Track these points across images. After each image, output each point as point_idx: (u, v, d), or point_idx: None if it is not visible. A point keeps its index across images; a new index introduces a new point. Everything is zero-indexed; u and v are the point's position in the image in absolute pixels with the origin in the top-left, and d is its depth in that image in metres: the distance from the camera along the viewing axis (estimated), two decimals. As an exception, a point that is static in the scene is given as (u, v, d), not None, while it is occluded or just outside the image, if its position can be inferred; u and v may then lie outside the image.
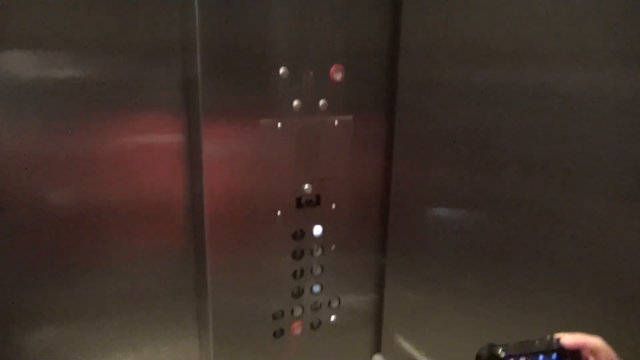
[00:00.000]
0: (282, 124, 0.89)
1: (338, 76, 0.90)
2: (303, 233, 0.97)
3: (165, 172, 0.92)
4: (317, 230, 0.99)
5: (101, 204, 0.88)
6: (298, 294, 1.01)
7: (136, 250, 0.94)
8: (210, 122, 0.86)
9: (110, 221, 0.90)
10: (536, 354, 0.51)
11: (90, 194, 0.87)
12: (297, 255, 0.98)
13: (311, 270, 1.01)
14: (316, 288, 1.02)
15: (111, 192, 0.89)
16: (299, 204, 0.95)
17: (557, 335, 0.52)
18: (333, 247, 1.02)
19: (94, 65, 0.81)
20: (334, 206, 0.98)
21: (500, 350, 0.51)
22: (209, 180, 0.88)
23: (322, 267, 1.02)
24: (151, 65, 0.86)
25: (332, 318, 1.06)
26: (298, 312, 1.02)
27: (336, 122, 0.93)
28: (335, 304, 1.06)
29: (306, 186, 0.94)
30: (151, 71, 0.86)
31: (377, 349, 1.12)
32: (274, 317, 1.00)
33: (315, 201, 0.96)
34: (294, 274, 0.99)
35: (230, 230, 0.92)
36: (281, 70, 0.86)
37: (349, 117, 0.94)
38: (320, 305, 1.04)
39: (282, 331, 1.01)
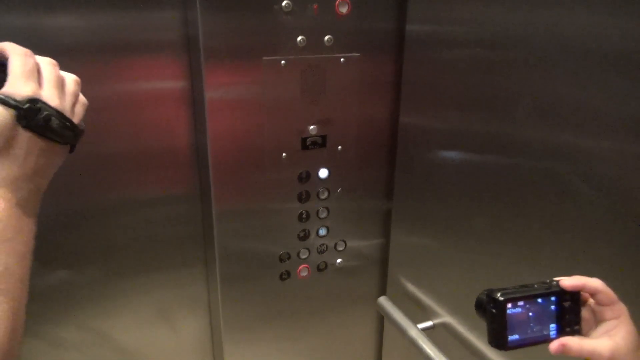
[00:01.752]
0: (286, 62, 0.85)
1: (344, 9, 0.86)
2: (309, 175, 0.96)
3: (168, 118, 0.90)
4: (323, 172, 0.97)
5: (105, 151, 0.87)
6: (304, 236, 1.00)
7: (142, 197, 0.93)
8: (212, 64, 0.82)
9: (115, 169, 0.89)
10: (535, 297, 0.51)
11: (93, 141, 0.85)
12: (302, 197, 0.97)
13: (317, 213, 1.00)
14: (322, 231, 1.02)
15: (115, 139, 0.87)
16: (304, 145, 0.93)
17: (557, 279, 0.52)
18: (339, 190, 1.00)
19: (92, 10, 0.78)
20: (340, 148, 0.96)
21: (499, 294, 0.51)
22: (213, 124, 0.86)
23: (327, 210, 1.01)
24: (151, 8, 0.82)
25: (338, 261, 1.06)
26: (304, 254, 1.02)
27: (342, 60, 0.90)
28: (341, 247, 1.06)
29: (312, 127, 0.92)
30: (151, 14, 0.83)
31: (383, 292, 1.13)
32: (281, 259, 1.00)
33: (321, 142, 0.94)
34: (300, 217, 0.98)
35: (235, 174, 0.91)
36: (284, 3, 0.82)
37: (356, 55, 0.91)
38: (327, 248, 1.04)
39: (288, 273, 1.02)
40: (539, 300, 0.51)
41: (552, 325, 0.51)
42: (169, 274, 1.00)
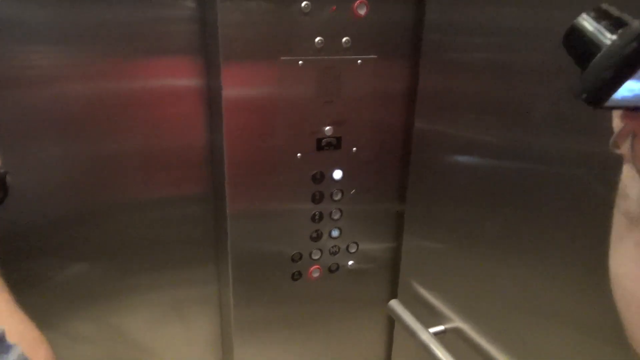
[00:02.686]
0: (303, 62, 0.86)
1: (362, 10, 0.86)
2: (323, 176, 0.96)
3: (183, 117, 0.91)
4: (337, 174, 0.97)
5: (119, 149, 0.88)
6: (317, 237, 1.00)
7: (155, 195, 0.94)
8: (229, 63, 0.83)
9: (128, 167, 0.90)
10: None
11: (109, 140, 0.86)
12: (316, 198, 0.97)
13: (330, 215, 1.00)
14: (335, 232, 1.02)
15: (130, 138, 0.88)
16: (319, 146, 0.93)
17: None
18: (353, 191, 1.00)
19: (107, 6, 0.79)
20: (354, 149, 0.96)
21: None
22: (229, 123, 0.86)
23: (341, 211, 1.01)
24: (169, 6, 0.83)
25: (350, 263, 1.06)
26: (316, 255, 1.02)
27: (359, 61, 0.90)
28: (353, 248, 1.05)
29: (327, 128, 0.92)
30: (168, 12, 0.84)
31: (394, 295, 1.12)
32: (293, 259, 1.00)
33: (336, 143, 0.94)
34: (313, 218, 0.98)
35: (250, 174, 0.91)
36: (303, 4, 0.82)
37: (373, 57, 0.91)
38: (339, 249, 1.04)
39: (300, 274, 1.02)
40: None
41: None
42: (181, 273, 1.01)
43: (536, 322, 0.75)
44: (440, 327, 0.96)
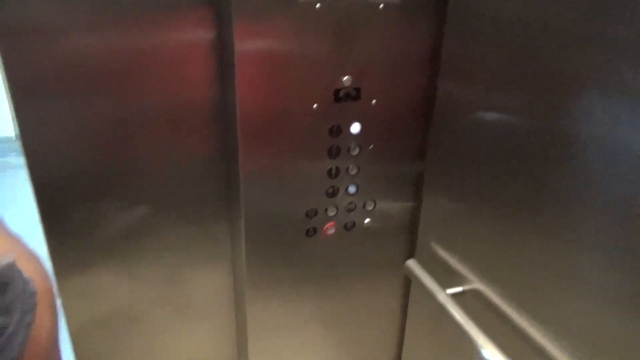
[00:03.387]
0: (321, 5, 0.80)
1: (386, -52, 0.80)
2: (340, 129, 0.92)
3: (195, 73, 0.87)
4: (355, 127, 0.93)
5: (131, 106, 0.84)
6: (332, 193, 0.97)
7: (166, 155, 0.91)
8: (242, 12, 0.78)
9: (139, 126, 0.86)
10: None
11: (120, 96, 0.83)
12: (332, 153, 0.93)
13: (347, 170, 0.96)
14: (351, 189, 0.98)
15: (139, 95, 0.85)
16: (337, 97, 0.88)
17: None
18: (371, 146, 0.96)
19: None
20: (374, 102, 0.91)
21: None
22: (242, 77, 0.82)
23: (358, 167, 0.97)
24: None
25: (366, 221, 1.03)
26: (332, 212, 0.99)
27: (381, 6, 0.84)
28: (370, 206, 1.02)
29: (345, 77, 0.87)
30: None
31: (411, 255, 1.09)
32: (307, 215, 0.97)
33: (354, 95, 0.89)
34: (329, 173, 0.95)
35: (264, 128, 0.87)
36: (322, -59, 0.76)
37: (396, 1, 0.85)
38: (355, 206, 1.01)
39: (314, 230, 0.99)
40: None
41: None
42: (193, 231, 0.99)
43: (558, 285, 0.72)
44: (459, 289, 0.93)
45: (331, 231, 1.00)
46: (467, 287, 0.92)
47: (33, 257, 0.44)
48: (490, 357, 0.77)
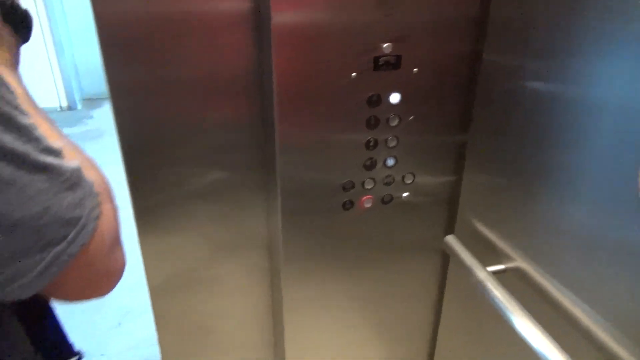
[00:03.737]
0: (362, -33, 0.77)
1: None
2: (379, 99, 0.88)
3: (230, 43, 0.84)
4: (395, 97, 0.89)
5: (164, 76, 0.83)
6: (370, 166, 0.94)
7: (203, 125, 0.89)
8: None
9: (174, 94, 0.85)
10: None
11: (160, 64, 0.82)
12: (371, 124, 0.90)
13: (386, 142, 0.93)
14: (390, 161, 0.95)
15: (175, 64, 0.83)
16: (376, 65, 0.85)
17: None
18: (411, 117, 0.92)
19: None
20: (415, 70, 0.88)
21: None
22: (278, 46, 0.80)
23: (397, 139, 0.94)
24: None
25: (405, 195, 1.00)
26: (369, 184, 0.96)
27: (425, -33, 0.80)
28: (409, 179, 0.99)
29: (386, 45, 0.83)
30: None
31: (450, 231, 1.06)
32: (344, 188, 0.95)
33: (395, 62, 0.85)
34: (367, 144, 0.92)
35: (301, 98, 0.85)
36: None
37: (441, -38, 0.80)
38: (393, 179, 0.98)
39: (351, 203, 0.97)
40: None
41: None
42: (227, 204, 0.98)
43: (606, 265, 0.68)
44: (500, 266, 0.90)
45: (368, 204, 0.98)
46: (509, 265, 0.89)
47: (94, 165, 0.51)
48: (532, 339, 0.74)
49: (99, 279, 0.49)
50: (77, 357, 0.65)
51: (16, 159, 0.39)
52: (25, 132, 0.40)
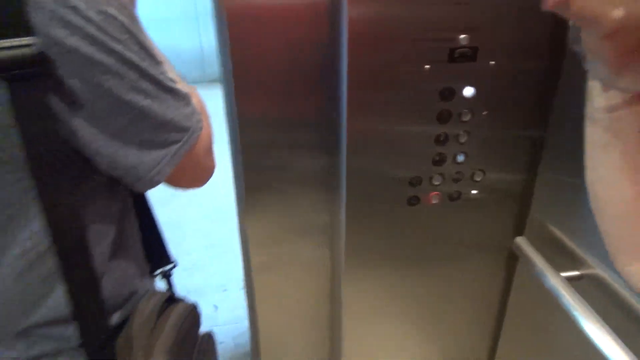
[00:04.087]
0: (441, -45, 0.74)
1: None
2: (453, 93, 0.85)
3: (301, 37, 0.83)
4: (469, 91, 0.86)
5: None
6: (439, 161, 0.92)
7: (274, 113, 0.89)
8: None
9: (244, 85, 0.85)
10: None
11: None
12: (442, 118, 0.88)
13: (457, 137, 0.90)
14: (460, 157, 0.92)
15: (249, 58, 0.83)
16: (451, 57, 0.82)
17: None
18: (485, 112, 0.89)
19: None
20: (492, 63, 0.84)
21: None
22: (353, 37, 0.78)
23: (468, 134, 0.90)
24: None
25: (473, 192, 0.97)
26: (437, 181, 0.94)
27: (509, -45, 0.76)
28: (479, 177, 0.96)
29: (462, 36, 0.80)
30: None
31: (519, 232, 1.02)
32: (411, 183, 0.93)
33: (470, 54, 0.82)
34: (437, 139, 0.90)
35: (372, 89, 0.84)
36: None
37: (526, -51, 0.76)
38: (463, 176, 0.95)
39: (417, 199, 0.95)
40: None
41: None
42: (291, 194, 0.98)
43: None
44: (575, 272, 0.85)
45: (435, 201, 0.96)
46: (584, 271, 0.84)
47: (195, 93, 0.69)
48: (609, 352, 0.69)
49: (201, 172, 0.68)
50: (172, 265, 0.82)
51: (157, 84, 0.56)
52: (161, 67, 0.57)
